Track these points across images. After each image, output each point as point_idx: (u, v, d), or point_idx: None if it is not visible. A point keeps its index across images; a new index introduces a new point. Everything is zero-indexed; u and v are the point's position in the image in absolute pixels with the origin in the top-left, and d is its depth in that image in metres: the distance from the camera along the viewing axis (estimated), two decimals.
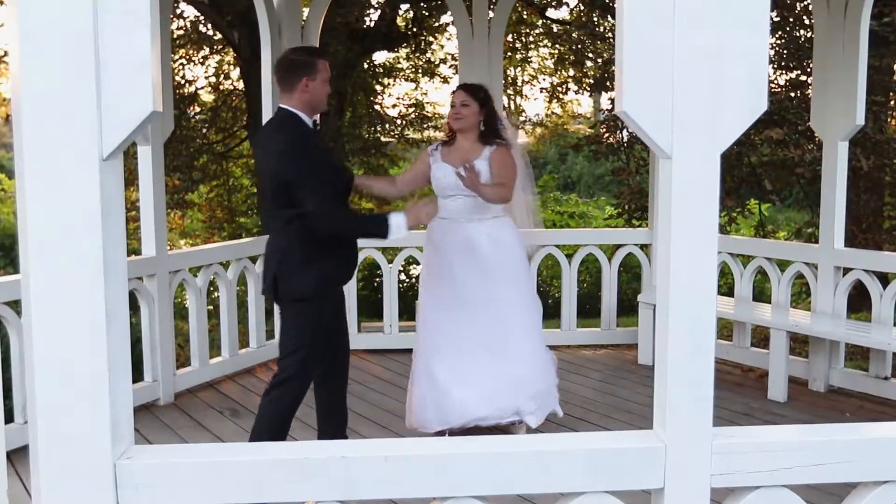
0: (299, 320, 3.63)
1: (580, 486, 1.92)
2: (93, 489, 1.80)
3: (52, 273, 1.75)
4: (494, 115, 4.41)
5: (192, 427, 4.79)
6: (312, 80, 3.57)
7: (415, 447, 1.95)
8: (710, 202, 1.88)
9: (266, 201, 3.78)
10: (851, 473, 1.97)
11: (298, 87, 3.56)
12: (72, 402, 1.78)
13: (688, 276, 1.89)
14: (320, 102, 3.65)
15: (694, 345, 1.91)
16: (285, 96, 3.61)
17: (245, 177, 14.11)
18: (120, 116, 1.74)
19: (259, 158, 3.85)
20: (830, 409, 5.13)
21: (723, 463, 1.92)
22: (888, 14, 8.34)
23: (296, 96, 3.57)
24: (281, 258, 3.61)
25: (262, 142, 3.74)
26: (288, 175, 3.47)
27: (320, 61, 3.62)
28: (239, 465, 1.86)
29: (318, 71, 3.59)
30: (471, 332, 4.30)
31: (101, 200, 1.75)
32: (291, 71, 3.57)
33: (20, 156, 1.75)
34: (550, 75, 14.96)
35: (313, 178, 3.48)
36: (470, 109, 4.32)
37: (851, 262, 5.42)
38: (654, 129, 1.85)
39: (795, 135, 9.48)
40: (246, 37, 10.97)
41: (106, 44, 1.72)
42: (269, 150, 3.59)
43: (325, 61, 3.66)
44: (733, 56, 1.84)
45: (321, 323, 3.68)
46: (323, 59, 3.66)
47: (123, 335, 1.87)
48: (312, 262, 3.60)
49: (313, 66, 3.58)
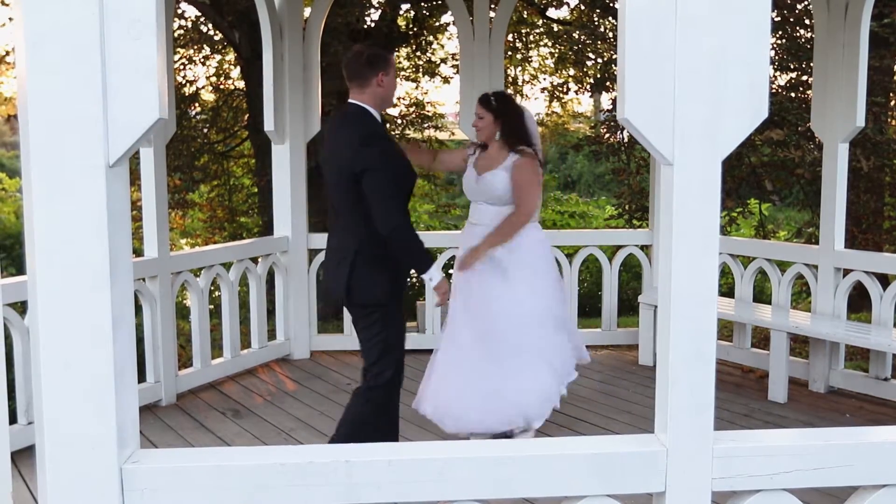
0: (381, 324, 3.62)
1: (582, 489, 1.94)
2: (99, 494, 1.81)
3: (58, 278, 1.77)
4: (514, 121, 4.34)
5: (194, 428, 4.80)
6: (387, 74, 3.59)
7: (417, 451, 1.96)
8: (710, 208, 1.89)
9: (335, 199, 3.70)
10: (851, 477, 1.99)
11: (373, 81, 3.55)
12: (78, 407, 1.79)
13: (688, 281, 1.90)
14: (391, 98, 3.69)
15: (695, 350, 1.93)
16: (356, 91, 3.59)
17: (246, 176, 14.12)
18: (126, 123, 1.76)
19: (330, 154, 3.72)
20: (830, 410, 5.15)
21: (724, 467, 1.94)
22: (888, 15, 8.35)
23: (368, 91, 3.57)
24: (353, 260, 3.57)
25: (333, 137, 3.68)
26: (362, 165, 3.44)
27: (391, 57, 3.66)
28: (244, 469, 1.88)
29: (391, 66, 3.62)
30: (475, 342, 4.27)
31: (108, 206, 1.76)
32: (367, 66, 3.56)
33: (27, 161, 1.77)
34: (550, 75, 14.97)
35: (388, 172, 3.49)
36: (484, 121, 4.33)
37: (851, 264, 5.44)
38: (656, 136, 1.87)
39: (796, 135, 9.50)
40: (247, 36, 10.98)
41: (112, 51, 1.74)
42: (344, 144, 3.55)
43: (392, 56, 3.69)
44: (734, 63, 1.86)
45: (401, 319, 3.72)
46: (391, 55, 3.68)
47: (129, 340, 1.89)
48: (386, 262, 3.59)
49: (387, 62, 3.60)
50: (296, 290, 6.17)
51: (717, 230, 1.91)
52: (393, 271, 3.64)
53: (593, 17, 12.59)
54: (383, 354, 3.65)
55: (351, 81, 3.61)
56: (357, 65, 3.58)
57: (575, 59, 13.36)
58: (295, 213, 6.14)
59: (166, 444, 4.52)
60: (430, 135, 14.17)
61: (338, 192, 3.63)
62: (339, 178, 3.58)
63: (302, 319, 6.20)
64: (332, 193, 3.72)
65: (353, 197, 3.53)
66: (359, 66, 3.57)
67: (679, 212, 1.89)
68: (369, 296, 3.60)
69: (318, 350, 6.31)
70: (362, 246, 3.57)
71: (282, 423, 4.90)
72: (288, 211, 6.14)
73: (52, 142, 1.74)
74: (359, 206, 3.52)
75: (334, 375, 5.82)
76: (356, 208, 3.54)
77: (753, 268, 5.96)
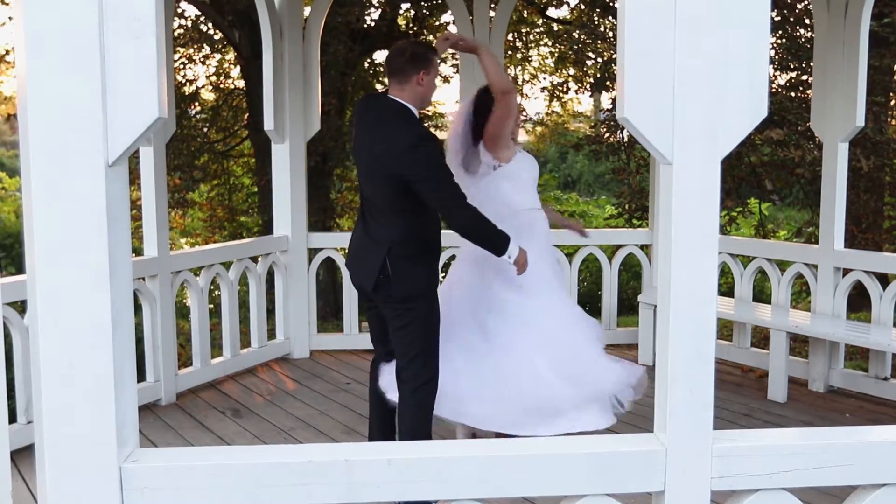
0: (421, 318, 3.58)
1: (581, 489, 1.94)
2: (98, 492, 1.81)
3: (58, 277, 1.77)
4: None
5: (194, 427, 4.80)
6: (428, 74, 3.56)
7: (417, 450, 1.97)
8: (710, 208, 1.90)
9: (369, 192, 3.63)
10: (850, 476, 1.99)
11: (414, 79, 3.53)
12: (77, 406, 1.79)
13: (688, 280, 1.91)
14: (430, 98, 3.65)
15: (694, 349, 1.93)
16: (396, 88, 3.56)
17: (245, 176, 14.12)
18: (125, 123, 1.76)
19: (365, 148, 3.61)
20: (830, 409, 5.15)
21: (723, 466, 1.94)
22: (888, 14, 8.35)
23: (408, 89, 3.54)
24: (389, 254, 3.52)
25: (371, 133, 3.60)
26: (416, 170, 3.40)
27: (435, 57, 3.63)
28: (244, 468, 1.88)
29: (433, 66, 3.60)
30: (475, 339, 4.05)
31: (107, 206, 1.76)
32: (410, 62, 3.53)
33: (27, 161, 1.77)
34: (550, 74, 14.97)
35: (445, 171, 3.49)
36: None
37: (851, 263, 5.44)
38: (655, 136, 1.87)
39: (795, 135, 9.50)
40: (247, 36, 10.98)
41: (112, 50, 1.74)
42: (388, 145, 3.47)
43: (437, 56, 3.66)
44: (734, 62, 1.86)
45: (438, 312, 3.67)
46: (435, 55, 3.65)
47: (128, 339, 1.89)
48: (423, 256, 3.59)
49: (430, 61, 3.57)
50: (295, 289, 6.17)
51: (717, 229, 1.91)
52: (430, 264, 3.65)
53: (593, 16, 12.60)
54: (422, 351, 3.58)
55: (391, 77, 3.58)
56: (399, 61, 3.55)
57: (575, 59, 13.36)
58: (295, 212, 6.13)
59: (166, 443, 4.52)
60: None
61: (374, 187, 3.59)
62: (377, 175, 3.54)
63: (301, 319, 6.20)
64: (366, 186, 3.66)
65: (392, 195, 3.50)
66: (401, 63, 3.54)
67: (678, 211, 1.89)
68: (410, 288, 3.55)
69: (318, 349, 6.32)
70: (399, 239, 3.53)
71: (281, 422, 4.90)
72: (288, 210, 6.13)
73: (52, 141, 1.74)
74: (398, 201, 3.50)
75: (334, 375, 5.82)
76: (395, 204, 3.52)
77: (753, 267, 5.96)
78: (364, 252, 3.65)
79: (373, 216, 3.63)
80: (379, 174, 3.52)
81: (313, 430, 4.77)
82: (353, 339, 6.38)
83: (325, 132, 6.37)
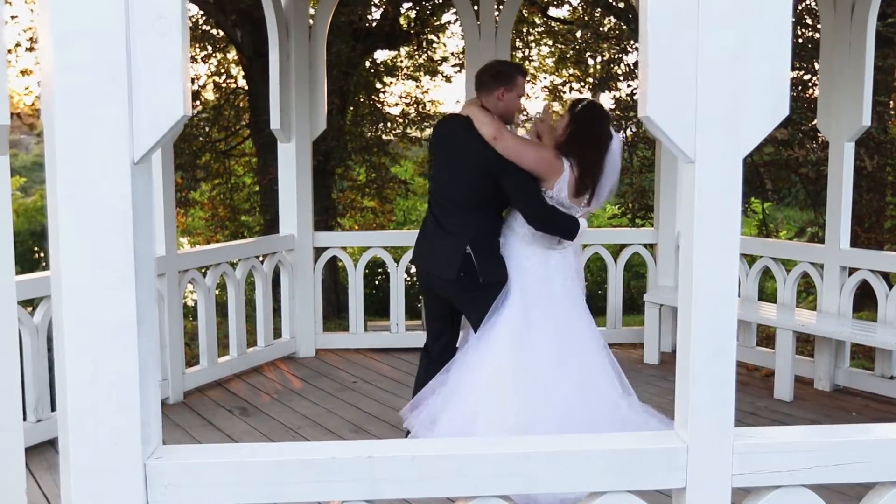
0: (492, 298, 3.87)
1: (603, 485, 1.94)
2: (123, 489, 1.82)
3: (83, 275, 1.77)
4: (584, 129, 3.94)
5: (202, 426, 4.81)
6: (509, 91, 3.90)
7: (440, 447, 1.97)
8: (732, 205, 1.90)
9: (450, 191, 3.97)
10: (870, 474, 2.00)
11: (494, 94, 3.89)
12: (102, 403, 1.80)
13: (710, 278, 1.91)
14: (511, 115, 3.95)
15: (715, 346, 1.94)
16: (483, 98, 3.94)
17: (247, 175, 14.12)
18: (151, 121, 1.76)
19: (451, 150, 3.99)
20: (836, 408, 5.16)
21: (744, 463, 1.95)
22: (892, 14, 8.36)
23: (490, 102, 3.91)
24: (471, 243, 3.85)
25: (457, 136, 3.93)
26: (504, 164, 3.74)
27: (519, 77, 3.97)
28: (267, 465, 1.88)
29: (516, 85, 3.92)
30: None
31: (133, 203, 1.77)
32: (493, 78, 3.91)
33: (52, 159, 1.77)
34: (551, 73, 14.98)
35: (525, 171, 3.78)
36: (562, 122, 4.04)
37: (857, 263, 5.45)
38: (678, 134, 1.87)
39: (799, 134, 9.51)
40: (249, 35, 10.99)
41: (138, 48, 1.74)
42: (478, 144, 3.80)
43: (522, 77, 4.01)
44: (756, 60, 1.86)
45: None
46: (521, 76, 4.01)
47: (152, 336, 1.90)
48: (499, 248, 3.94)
49: (512, 79, 3.91)
50: (301, 288, 6.18)
51: (739, 227, 1.92)
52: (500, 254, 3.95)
53: (594, 15, 12.61)
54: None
55: (478, 90, 3.96)
56: (485, 76, 3.94)
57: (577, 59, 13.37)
58: (301, 211, 6.14)
59: (175, 441, 4.52)
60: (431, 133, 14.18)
61: (456, 186, 3.93)
62: (467, 170, 3.86)
63: (307, 318, 6.21)
64: (446, 187, 4.01)
65: (476, 191, 3.86)
66: (486, 77, 3.93)
67: (701, 209, 1.89)
68: (496, 274, 3.87)
69: (324, 348, 6.33)
70: (477, 230, 3.88)
71: (289, 420, 4.90)
72: (294, 209, 6.14)
73: (78, 139, 1.74)
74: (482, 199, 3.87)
75: (340, 374, 5.83)
76: (475, 199, 3.88)
77: (759, 267, 5.97)
78: (441, 247, 3.97)
79: (449, 214, 3.96)
80: (468, 169, 3.86)
81: (321, 429, 4.77)
82: (358, 338, 6.39)
83: (326, 132, 6.36)
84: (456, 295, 3.99)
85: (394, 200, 14.79)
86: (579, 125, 3.86)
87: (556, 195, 3.82)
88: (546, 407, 3.70)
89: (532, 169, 3.79)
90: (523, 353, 3.80)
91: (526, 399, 3.72)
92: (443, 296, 4.07)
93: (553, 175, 3.79)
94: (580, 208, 3.89)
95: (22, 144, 27.13)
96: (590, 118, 3.90)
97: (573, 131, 3.85)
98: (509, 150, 3.77)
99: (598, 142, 3.87)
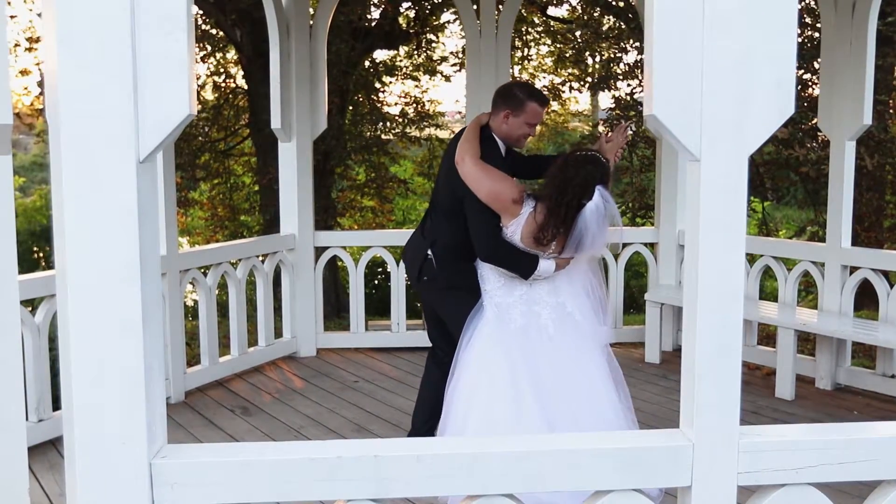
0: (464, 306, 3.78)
1: (609, 483, 1.94)
2: (129, 488, 1.81)
3: (89, 274, 1.77)
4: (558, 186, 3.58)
5: (204, 426, 4.81)
6: (516, 116, 3.79)
7: (446, 446, 1.97)
8: (737, 204, 1.90)
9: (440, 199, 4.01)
10: (876, 472, 2.00)
11: (500, 115, 3.81)
12: (108, 402, 1.79)
13: (716, 276, 1.91)
14: (513, 138, 3.87)
15: (721, 345, 1.93)
16: (492, 115, 3.89)
17: (246, 175, 14.12)
18: (157, 119, 1.76)
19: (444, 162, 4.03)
20: (838, 407, 5.17)
21: (750, 461, 1.94)
22: (892, 13, 8.36)
23: (496, 122, 3.85)
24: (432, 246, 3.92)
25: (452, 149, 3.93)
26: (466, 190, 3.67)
27: (531, 104, 3.79)
28: (272, 463, 1.88)
29: (524, 112, 3.78)
30: None
31: (139, 202, 1.76)
32: (503, 98, 3.84)
33: (57, 157, 1.77)
34: (550, 73, 14.98)
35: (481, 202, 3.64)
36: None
37: (858, 261, 5.46)
38: (683, 133, 1.87)
39: (800, 133, 9.51)
40: (248, 35, 10.98)
41: (143, 47, 1.74)
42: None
43: (536, 105, 3.79)
44: (762, 58, 1.86)
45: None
46: (535, 103, 3.80)
47: (158, 335, 1.89)
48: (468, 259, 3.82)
49: (522, 105, 3.78)
50: (302, 287, 6.18)
51: (744, 226, 1.92)
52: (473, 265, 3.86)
53: (594, 14, 12.60)
54: None
55: (492, 107, 3.89)
56: (498, 95, 3.89)
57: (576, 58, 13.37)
58: (301, 210, 6.14)
59: (176, 441, 4.46)
60: (430, 133, 14.19)
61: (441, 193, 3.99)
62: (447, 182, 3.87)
63: (308, 317, 6.21)
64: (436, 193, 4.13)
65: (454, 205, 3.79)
66: (497, 96, 3.89)
67: (706, 207, 1.89)
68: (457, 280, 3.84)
69: (325, 348, 6.33)
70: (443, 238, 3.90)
71: (291, 420, 4.90)
72: (294, 209, 6.14)
73: (84, 138, 1.74)
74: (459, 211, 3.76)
75: (341, 373, 5.83)
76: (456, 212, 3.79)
77: (760, 266, 5.98)
78: (415, 247, 4.06)
79: (433, 219, 4.02)
80: (446, 183, 3.87)
81: (323, 428, 4.77)
82: (359, 337, 6.39)
83: (326, 131, 6.36)
84: (428, 297, 4.08)
85: (393, 200, 14.80)
86: (564, 172, 3.50)
87: (510, 235, 3.61)
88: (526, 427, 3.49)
89: (485, 201, 3.62)
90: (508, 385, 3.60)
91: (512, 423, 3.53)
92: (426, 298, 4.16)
93: (506, 215, 3.59)
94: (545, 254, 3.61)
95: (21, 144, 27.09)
96: (577, 171, 3.48)
97: (555, 174, 3.53)
98: (467, 177, 3.66)
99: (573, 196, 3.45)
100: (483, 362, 3.63)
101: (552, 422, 3.52)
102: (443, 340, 4.12)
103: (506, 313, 3.69)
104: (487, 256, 3.69)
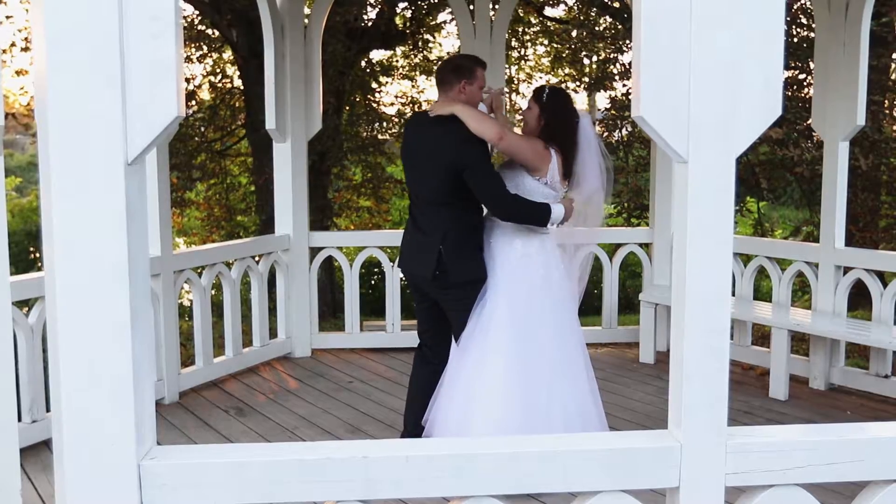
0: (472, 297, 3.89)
1: (597, 485, 1.95)
2: (118, 490, 1.81)
3: (77, 275, 1.77)
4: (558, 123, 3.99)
5: (198, 426, 4.81)
6: (470, 84, 3.89)
7: (435, 447, 1.97)
8: (725, 205, 1.91)
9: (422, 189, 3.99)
10: (863, 472, 2.00)
11: (455, 88, 3.88)
12: (97, 404, 1.79)
13: (703, 277, 1.92)
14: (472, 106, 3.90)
15: (709, 346, 1.94)
16: (443, 96, 3.92)
17: (243, 175, 14.10)
18: (145, 121, 1.76)
19: (420, 150, 3.98)
20: (831, 407, 5.17)
21: (738, 462, 1.95)
22: (886, 14, 8.38)
23: (451, 97, 3.88)
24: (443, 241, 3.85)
25: (423, 136, 3.94)
26: (468, 160, 3.74)
27: (479, 70, 3.94)
28: (262, 465, 1.88)
29: (476, 78, 3.91)
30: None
31: (127, 204, 1.77)
32: (454, 73, 3.90)
33: (46, 159, 1.77)
34: (546, 73, 14.98)
35: (490, 165, 3.83)
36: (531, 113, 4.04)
37: (852, 262, 5.47)
38: (671, 134, 1.88)
39: (794, 134, 9.53)
40: (244, 35, 10.97)
41: (131, 48, 1.74)
42: (443, 142, 3.81)
43: (483, 70, 3.96)
44: (749, 60, 1.87)
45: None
46: (482, 68, 3.96)
47: (147, 336, 1.90)
48: (477, 247, 3.93)
49: (472, 72, 3.90)
50: (297, 288, 6.18)
51: (732, 227, 1.92)
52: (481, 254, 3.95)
53: (590, 15, 12.61)
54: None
55: (439, 87, 3.94)
56: (444, 72, 3.94)
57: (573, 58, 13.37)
58: (296, 211, 6.14)
59: (171, 442, 4.52)
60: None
61: (426, 184, 3.93)
62: (434, 168, 3.84)
63: (303, 318, 6.21)
64: (418, 185, 4.02)
65: (447, 187, 3.82)
66: (445, 73, 3.93)
67: (693, 209, 1.90)
68: (468, 273, 3.88)
69: (319, 348, 6.33)
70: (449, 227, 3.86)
71: (285, 420, 4.90)
72: (289, 209, 6.14)
73: (72, 139, 1.74)
74: (451, 195, 3.82)
75: (336, 374, 5.83)
76: (447, 197, 3.85)
77: (754, 266, 5.99)
78: (417, 246, 4.01)
79: (423, 213, 3.98)
80: (436, 166, 3.84)
81: (317, 429, 4.77)
82: (354, 338, 6.39)
83: (322, 131, 6.37)
84: (437, 293, 4.02)
85: (390, 200, 14.78)
86: (550, 113, 3.96)
87: (551, 181, 3.91)
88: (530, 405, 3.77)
89: (529, 161, 3.88)
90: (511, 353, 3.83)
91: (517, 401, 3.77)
92: (430, 294, 4.08)
93: (544, 163, 3.89)
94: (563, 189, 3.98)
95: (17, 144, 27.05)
96: (559, 104, 4.00)
97: (547, 120, 3.95)
98: (511, 147, 3.86)
99: (571, 124, 3.99)
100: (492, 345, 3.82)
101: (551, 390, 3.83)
102: (433, 339, 4.13)
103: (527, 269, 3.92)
104: (508, 214, 3.83)
